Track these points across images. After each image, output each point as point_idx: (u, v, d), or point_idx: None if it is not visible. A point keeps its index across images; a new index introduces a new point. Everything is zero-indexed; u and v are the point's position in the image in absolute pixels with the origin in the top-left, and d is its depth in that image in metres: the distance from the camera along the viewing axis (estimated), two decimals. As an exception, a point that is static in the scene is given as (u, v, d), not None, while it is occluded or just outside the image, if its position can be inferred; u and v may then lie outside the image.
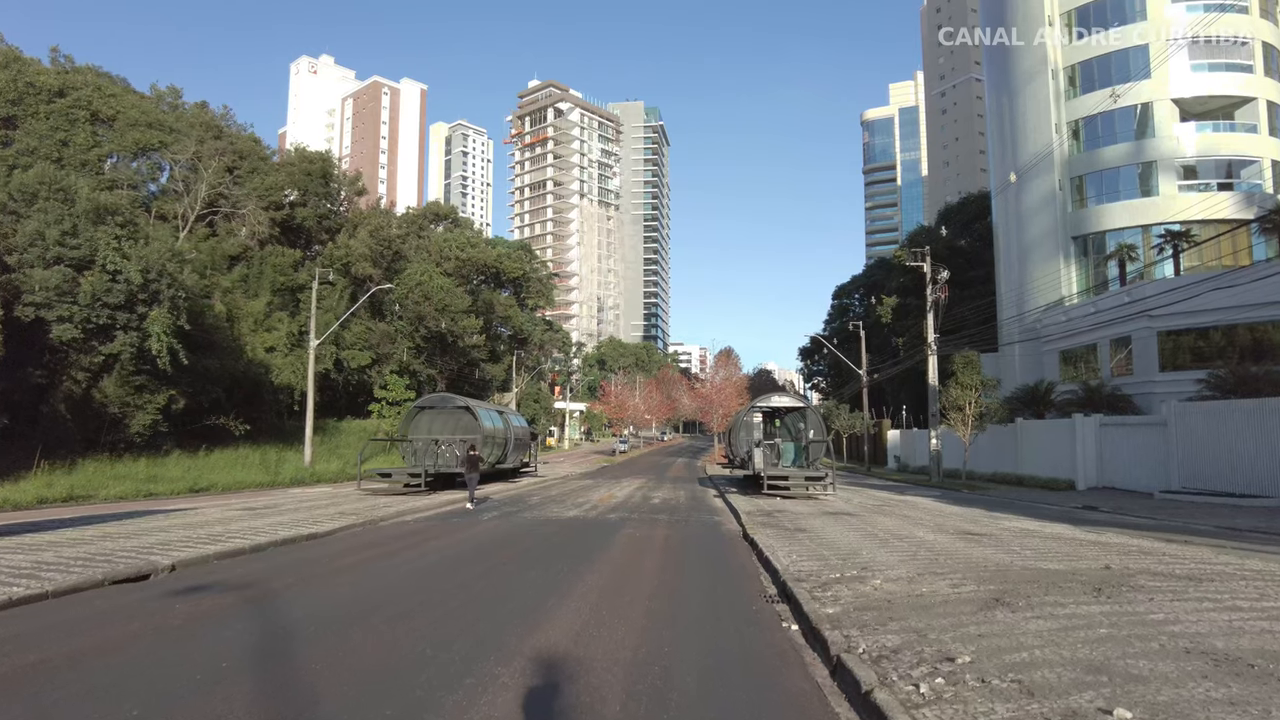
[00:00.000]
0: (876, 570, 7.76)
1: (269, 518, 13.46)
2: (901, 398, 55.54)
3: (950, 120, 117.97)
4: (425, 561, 9.31)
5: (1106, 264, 36.63)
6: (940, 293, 31.87)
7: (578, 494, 22.00)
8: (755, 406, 22.98)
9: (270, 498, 19.23)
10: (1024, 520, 14.08)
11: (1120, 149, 36.77)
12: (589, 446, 79.34)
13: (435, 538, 11.64)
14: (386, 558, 9.59)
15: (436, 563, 9.20)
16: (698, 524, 14.03)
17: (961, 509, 16.99)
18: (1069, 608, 5.72)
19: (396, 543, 11.03)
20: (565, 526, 13.29)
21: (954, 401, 28.37)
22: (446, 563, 9.16)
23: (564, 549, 10.49)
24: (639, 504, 18.38)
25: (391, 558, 9.61)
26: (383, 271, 44.92)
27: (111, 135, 35.06)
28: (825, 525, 12.52)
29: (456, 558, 9.60)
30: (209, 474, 24.68)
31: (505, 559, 9.51)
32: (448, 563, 9.15)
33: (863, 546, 9.74)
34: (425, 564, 9.09)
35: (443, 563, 9.18)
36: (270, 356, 33.36)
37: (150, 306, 22.99)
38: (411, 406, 23.49)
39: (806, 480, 18.98)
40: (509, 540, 11.37)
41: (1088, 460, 25.16)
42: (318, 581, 7.85)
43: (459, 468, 20.38)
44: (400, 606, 6.48)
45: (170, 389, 25.04)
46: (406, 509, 15.86)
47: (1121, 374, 31.07)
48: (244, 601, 6.71)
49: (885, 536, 10.88)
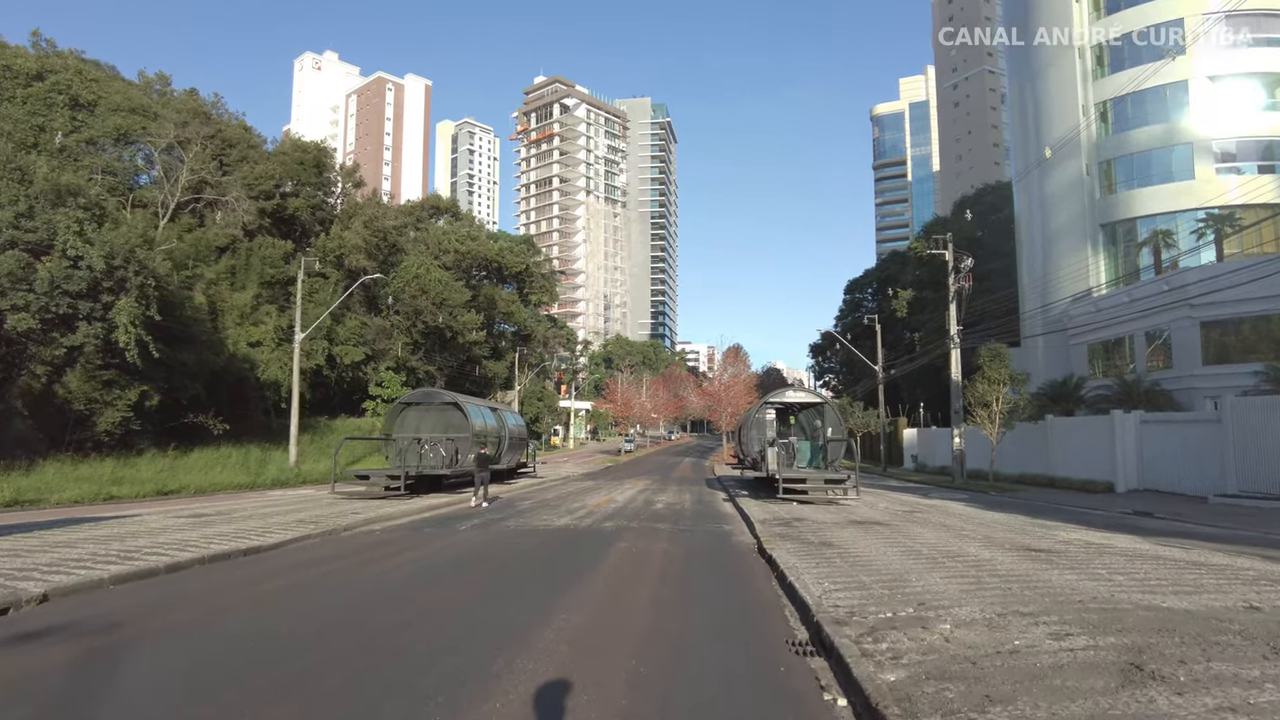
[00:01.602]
0: (938, 606, 5.96)
1: (213, 527, 11.77)
2: (918, 395, 53.55)
3: (963, 114, 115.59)
4: (359, 589, 7.55)
5: (1139, 252, 34.55)
6: (964, 281, 30.00)
7: (574, 498, 20.25)
8: (768, 402, 21.15)
9: (237, 502, 17.58)
10: (1080, 530, 12.22)
11: (1152, 131, 34.69)
12: (595, 446, 77.66)
13: (393, 554, 9.91)
14: (317, 583, 7.85)
15: (373, 591, 7.45)
16: (705, 535, 12.24)
17: (1001, 516, 15.14)
18: (1268, 692, 3.84)
19: (342, 560, 9.30)
20: (551, 539, 11.52)
21: (980, 397, 26.47)
22: (385, 592, 7.41)
23: (541, 571, 8.73)
24: (639, 510, 16.61)
25: (322, 583, 7.86)
26: (378, 264, 43.29)
27: (92, 121, 33.55)
28: (855, 538, 10.70)
29: (402, 583, 7.85)
30: (183, 475, 23.12)
31: (464, 586, 7.74)
32: (386, 592, 7.39)
33: (909, 569, 7.94)
34: (357, 593, 7.32)
35: (381, 592, 7.43)
36: (256, 351, 31.81)
37: (116, 295, 21.37)
38: (396, 403, 21.77)
39: (826, 483, 17.14)
40: (480, 558, 9.61)
41: (1128, 460, 23.24)
42: (212, 619, 6.12)
43: (443, 469, 18.71)
44: (280, 672, 4.65)
45: (142, 384, 23.40)
46: (378, 516, 14.15)
47: (1159, 368, 29.09)
48: (84, 656, 4.97)
49: (932, 554, 9.06)
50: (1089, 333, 33.27)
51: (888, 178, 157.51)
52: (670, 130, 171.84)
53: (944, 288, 51.92)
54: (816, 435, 21.76)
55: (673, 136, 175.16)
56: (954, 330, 30.23)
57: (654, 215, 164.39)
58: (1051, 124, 38.36)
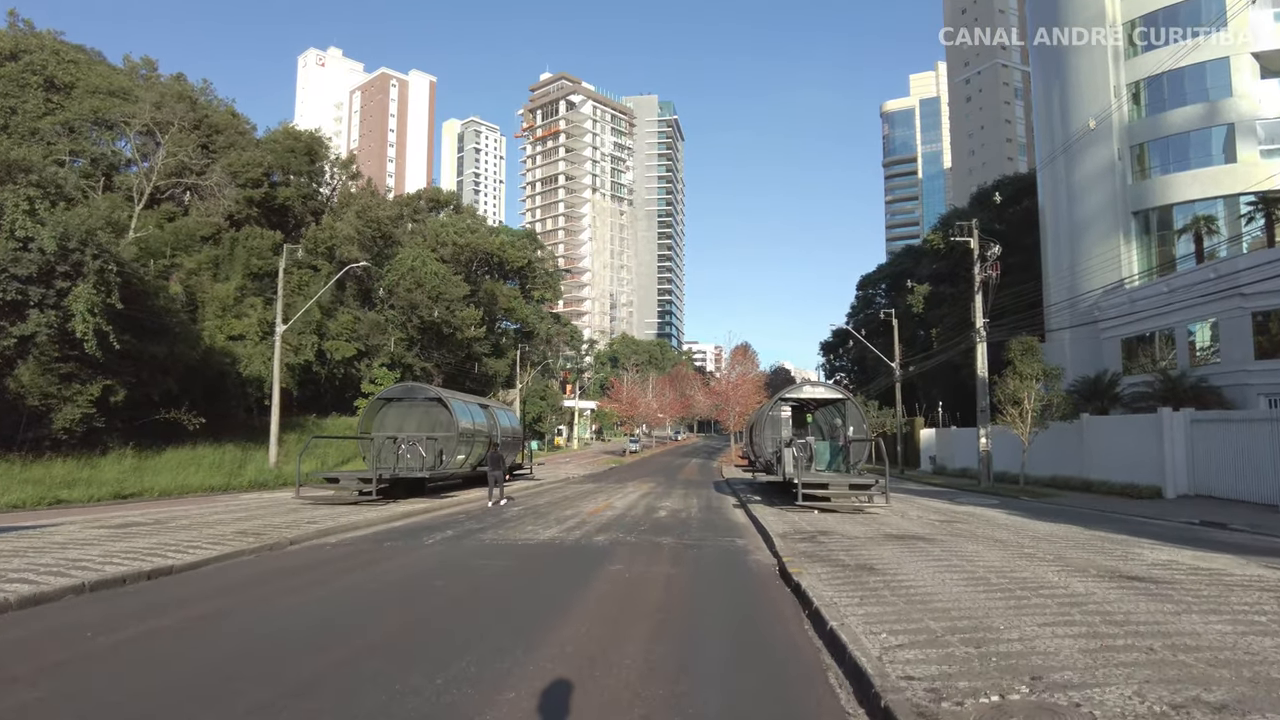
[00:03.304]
0: (1064, 682, 4.03)
1: (134, 540, 9.94)
2: (934, 394, 51.38)
3: (975, 108, 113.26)
4: (254, 635, 5.67)
5: (1177, 239, 32.35)
6: (990, 270, 27.90)
7: (569, 503, 18.36)
8: (784, 398, 19.18)
9: (198, 507, 15.78)
10: (1162, 548, 10.25)
11: (1190, 111, 32.50)
12: (599, 446, 75.79)
13: (325, 579, 8.04)
14: (207, 623, 5.99)
15: (269, 636, 5.59)
16: (715, 552, 10.31)
17: (1053, 526, 13.15)
18: None
19: (254, 589, 7.43)
20: (529, 559, 9.61)
21: (1011, 395, 24.46)
22: (286, 641, 5.52)
23: (507, 606, 6.81)
24: (640, 518, 14.69)
25: (214, 624, 5.99)
26: (371, 257, 41.55)
27: (68, 103, 31.91)
28: (899, 558, 8.76)
29: (318, 628, 5.94)
30: (150, 477, 21.44)
31: (397, 631, 5.84)
32: (287, 642, 5.50)
33: (987, 608, 6.00)
34: (245, 643, 5.42)
35: (282, 639, 5.56)
36: (237, 345, 30.08)
37: (73, 281, 19.65)
38: (374, 398, 19.93)
39: (851, 489, 15.14)
40: (426, 591, 7.65)
41: (1177, 463, 21.16)
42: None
43: (421, 471, 16.87)
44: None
45: (106, 378, 21.67)
46: (337, 526, 12.30)
47: (1205, 363, 26.96)
48: None
49: (1006, 584, 7.12)
50: (1123, 326, 31.11)
51: (898, 175, 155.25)
52: (677, 128, 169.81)
53: (962, 281, 49.91)
54: (836, 435, 19.80)
55: (680, 134, 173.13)
56: (980, 323, 28.19)
57: (661, 214, 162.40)
58: (1081, 106, 36.20)
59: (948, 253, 52.63)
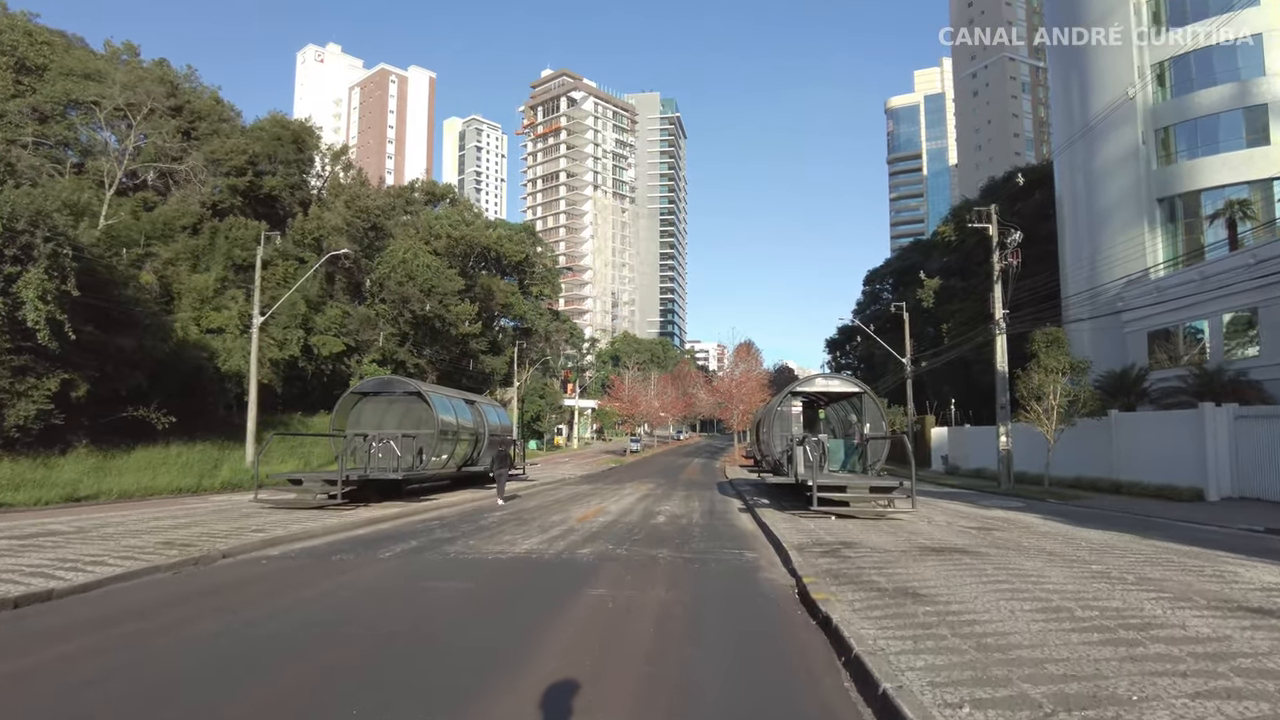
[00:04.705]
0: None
1: (31, 554, 8.39)
2: (945, 391, 49.68)
3: (982, 102, 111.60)
4: (73, 699, 4.11)
5: (1207, 226, 30.64)
6: (1010, 258, 26.24)
7: (558, 507, 16.77)
8: (796, 392, 17.56)
9: (150, 510, 14.22)
10: (1249, 564, 8.65)
11: (1220, 92, 30.82)
12: (600, 445, 74.21)
13: (240, 607, 6.47)
14: (17, 681, 4.42)
15: (100, 700, 4.02)
16: (720, 570, 8.70)
17: (1107, 535, 11.53)
18: None
19: (139, 622, 5.83)
20: (496, 578, 8.01)
21: (1036, 389, 22.83)
22: (105, 711, 3.95)
23: (440, 659, 5.12)
24: (635, 525, 13.09)
25: (27, 682, 4.43)
26: (362, 248, 40.04)
27: (40, 86, 30.45)
28: (948, 580, 7.15)
29: (160, 690, 4.36)
30: (113, 478, 19.92)
31: (264, 704, 4.22)
32: (102, 714, 3.93)
33: (1089, 657, 4.40)
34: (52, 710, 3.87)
35: (106, 705, 3.99)
36: (216, 339, 28.58)
37: (22, 266, 18.14)
38: (348, 392, 18.36)
39: (872, 491, 13.50)
40: (363, 619, 6.12)
41: (1220, 463, 19.55)
42: None
43: (394, 473, 15.30)
44: None
45: (65, 372, 20.17)
46: (289, 534, 10.74)
47: (1242, 356, 25.30)
48: None
49: (1097, 617, 5.51)
50: (1149, 318, 29.46)
51: (902, 172, 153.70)
52: (680, 125, 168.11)
53: (973, 275, 48.21)
54: (851, 433, 18.19)
55: (682, 132, 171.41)
56: (999, 314, 26.55)
57: (663, 212, 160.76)
58: (1103, 88, 34.55)
59: (959, 245, 50.98)
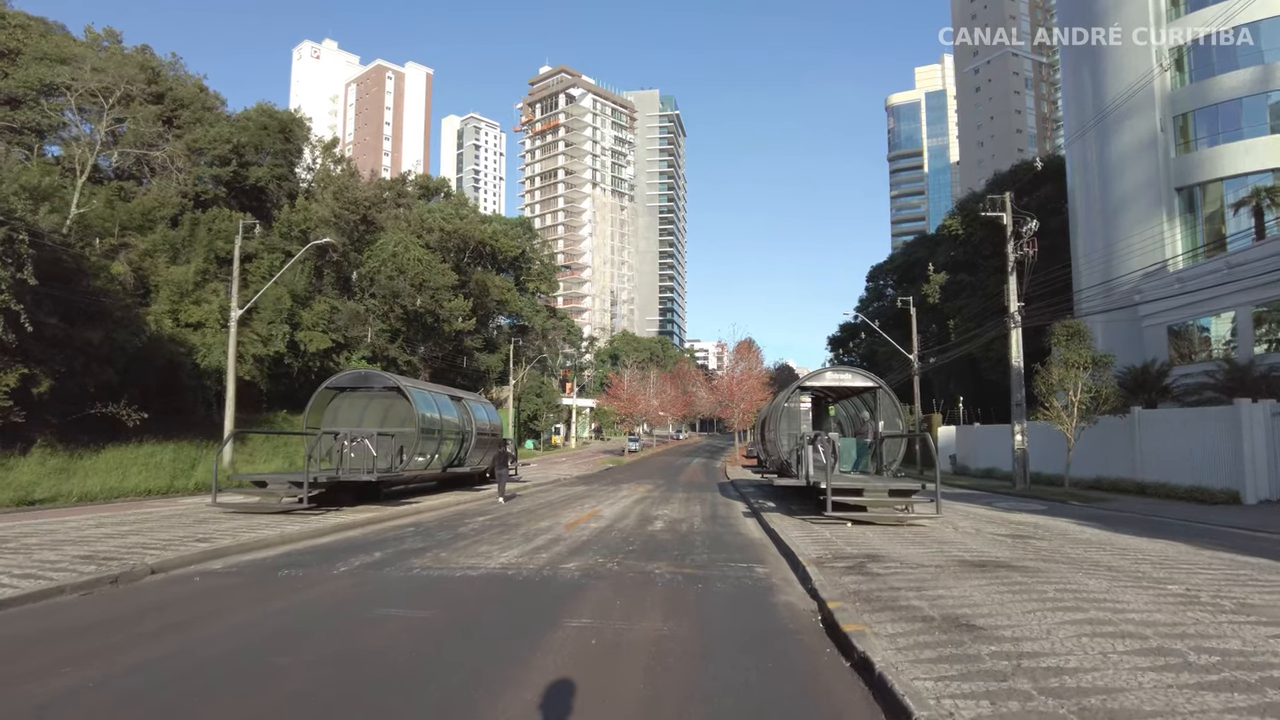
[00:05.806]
0: None
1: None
2: (951, 389, 48.48)
3: (985, 98, 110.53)
4: None
5: (1232, 214, 29.39)
6: (1026, 248, 25.00)
7: (547, 511, 15.50)
8: (805, 387, 16.29)
9: (106, 513, 12.97)
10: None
11: (1242, 76, 29.59)
12: (598, 445, 72.97)
13: (130, 645, 5.21)
14: None
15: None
16: (727, 590, 7.41)
17: (1158, 545, 10.27)
18: None
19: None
20: (462, 603, 6.72)
21: (1056, 385, 21.56)
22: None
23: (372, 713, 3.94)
24: (630, 533, 11.82)
25: None
26: (351, 241, 38.79)
27: (12, 70, 29.19)
28: (1004, 606, 5.88)
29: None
30: (78, 479, 18.79)
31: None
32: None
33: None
34: None
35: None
36: (194, 334, 27.34)
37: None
38: (323, 387, 17.10)
39: (891, 495, 12.23)
40: (276, 666, 4.87)
41: (1258, 463, 18.27)
42: None
43: (367, 475, 14.04)
44: None
45: (24, 366, 18.94)
46: (235, 545, 9.48)
47: (1272, 351, 24.07)
48: None
49: (1218, 664, 4.28)
50: (1170, 311, 28.23)
51: (903, 169, 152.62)
52: (679, 123, 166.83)
53: (982, 269, 46.93)
54: (863, 431, 16.93)
55: (681, 130, 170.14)
56: (1014, 307, 25.34)
57: (662, 210, 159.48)
58: (1119, 73, 33.29)
59: (966, 239, 49.72)
